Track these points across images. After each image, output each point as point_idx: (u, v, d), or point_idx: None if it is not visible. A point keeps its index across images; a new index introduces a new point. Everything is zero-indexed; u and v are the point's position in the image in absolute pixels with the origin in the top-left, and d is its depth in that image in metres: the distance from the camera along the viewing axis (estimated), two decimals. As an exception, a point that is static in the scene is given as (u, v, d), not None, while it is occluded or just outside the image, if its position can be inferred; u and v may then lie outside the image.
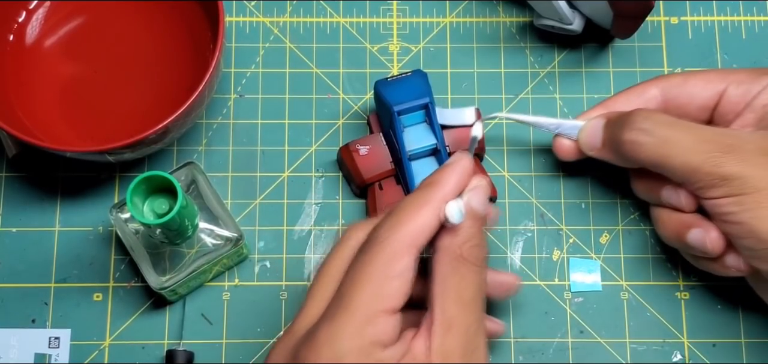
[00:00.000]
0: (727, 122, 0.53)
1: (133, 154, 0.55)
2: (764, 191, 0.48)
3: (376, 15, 0.63)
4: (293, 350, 0.43)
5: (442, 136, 0.55)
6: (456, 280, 0.44)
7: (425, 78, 0.56)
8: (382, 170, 0.57)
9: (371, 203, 0.57)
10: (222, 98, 0.61)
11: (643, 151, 0.51)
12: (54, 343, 0.56)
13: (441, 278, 0.44)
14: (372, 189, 0.57)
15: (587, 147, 0.55)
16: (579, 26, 0.59)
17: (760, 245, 0.48)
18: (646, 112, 0.51)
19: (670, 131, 0.50)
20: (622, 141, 0.51)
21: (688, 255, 0.54)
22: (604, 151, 0.54)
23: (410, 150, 0.55)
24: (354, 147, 0.57)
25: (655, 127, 0.50)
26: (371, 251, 0.44)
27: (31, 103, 0.59)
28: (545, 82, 0.62)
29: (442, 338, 0.43)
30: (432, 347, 0.43)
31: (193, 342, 0.56)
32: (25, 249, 0.58)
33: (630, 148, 0.51)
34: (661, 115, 0.51)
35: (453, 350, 0.43)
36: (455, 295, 0.44)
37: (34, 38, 0.60)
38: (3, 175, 0.60)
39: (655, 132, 0.50)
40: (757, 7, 0.63)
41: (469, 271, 0.45)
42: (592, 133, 0.54)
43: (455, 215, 0.44)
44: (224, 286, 0.58)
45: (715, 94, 0.53)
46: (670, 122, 0.51)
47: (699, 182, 0.49)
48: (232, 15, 0.63)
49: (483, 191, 0.46)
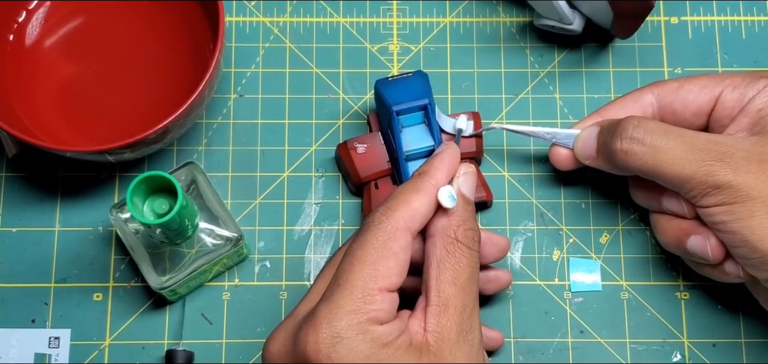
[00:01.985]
0: (722, 127, 0.52)
1: (133, 154, 0.55)
2: (757, 200, 0.48)
3: (376, 15, 0.63)
4: (293, 331, 0.44)
5: (440, 138, 0.55)
6: (452, 262, 0.46)
7: (426, 79, 0.56)
8: (378, 169, 0.57)
9: (367, 201, 0.57)
10: (222, 98, 0.61)
11: (635, 160, 0.50)
12: (54, 343, 0.56)
13: (436, 261, 0.46)
14: (368, 188, 0.57)
15: (583, 156, 0.55)
16: (579, 26, 0.59)
17: (754, 254, 0.48)
18: (637, 120, 0.51)
19: (662, 139, 0.50)
20: (613, 150, 0.51)
21: (689, 261, 0.54)
22: (599, 160, 0.54)
23: (407, 151, 0.55)
24: (352, 145, 0.57)
25: (647, 135, 0.50)
26: (367, 234, 0.45)
27: (31, 103, 0.59)
28: (545, 82, 0.62)
29: (437, 318, 0.45)
30: (428, 326, 0.45)
31: (193, 342, 0.56)
32: (25, 249, 0.58)
33: (622, 157, 0.51)
34: (653, 122, 0.51)
35: (449, 329, 0.45)
36: (451, 277, 0.46)
37: (34, 38, 0.60)
38: (3, 175, 0.60)
39: (647, 140, 0.50)
40: (757, 7, 0.63)
41: (463, 254, 0.46)
42: (586, 142, 0.54)
43: (448, 200, 0.47)
44: (224, 286, 0.58)
45: (711, 99, 0.53)
46: (662, 130, 0.50)
47: (692, 190, 0.49)
48: (232, 15, 0.63)
49: (472, 177, 0.49)
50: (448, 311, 0.45)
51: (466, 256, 0.46)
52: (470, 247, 0.47)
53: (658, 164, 0.49)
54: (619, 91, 0.61)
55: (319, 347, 0.43)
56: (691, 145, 0.49)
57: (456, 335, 0.45)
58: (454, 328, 0.45)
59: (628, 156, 0.50)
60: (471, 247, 0.47)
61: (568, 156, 0.56)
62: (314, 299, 0.46)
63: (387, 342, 0.43)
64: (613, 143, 0.51)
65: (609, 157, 0.52)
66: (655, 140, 0.50)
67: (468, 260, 0.46)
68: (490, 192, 0.58)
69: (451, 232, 0.46)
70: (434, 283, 0.46)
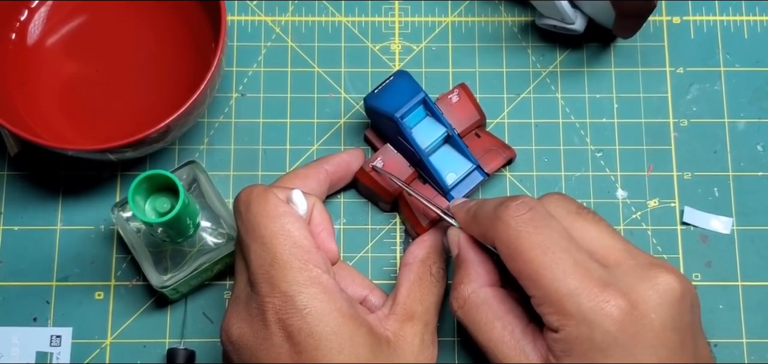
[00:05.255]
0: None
1: (134, 153, 0.55)
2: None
3: (378, 14, 0.63)
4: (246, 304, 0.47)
5: (448, 122, 0.55)
6: (422, 288, 0.52)
7: (409, 76, 0.56)
8: (404, 178, 0.56)
9: (407, 212, 0.56)
10: (224, 97, 0.61)
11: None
12: (55, 341, 0.56)
13: (408, 283, 0.52)
14: (402, 200, 0.57)
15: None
16: (581, 26, 0.59)
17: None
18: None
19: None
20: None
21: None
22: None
23: (426, 147, 0.55)
24: (369, 167, 0.56)
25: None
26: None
27: (33, 101, 0.59)
28: (547, 82, 0.62)
29: (401, 323, 0.49)
30: (390, 325, 0.49)
31: (194, 341, 0.56)
32: (26, 247, 0.58)
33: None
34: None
35: (412, 337, 0.49)
36: (419, 297, 0.51)
37: (36, 37, 0.61)
38: (5, 173, 0.60)
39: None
40: (759, 7, 0.63)
41: (434, 285, 0.52)
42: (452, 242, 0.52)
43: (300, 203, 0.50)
44: (225, 284, 0.58)
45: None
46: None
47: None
48: (234, 14, 0.63)
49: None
50: (412, 321, 0.50)
51: (436, 287, 0.52)
52: (439, 282, 0.53)
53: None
54: (620, 90, 0.61)
55: (276, 303, 0.46)
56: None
57: (419, 344, 0.49)
58: (417, 338, 0.49)
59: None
60: (440, 282, 0.53)
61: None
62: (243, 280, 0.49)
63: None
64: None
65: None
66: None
67: (436, 290, 0.52)
68: (513, 149, 0.58)
69: (427, 266, 0.53)
70: (402, 299, 0.51)
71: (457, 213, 0.52)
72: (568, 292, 0.44)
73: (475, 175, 0.56)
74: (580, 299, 0.44)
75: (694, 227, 0.59)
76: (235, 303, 0.48)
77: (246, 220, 0.48)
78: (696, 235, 0.59)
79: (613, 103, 0.61)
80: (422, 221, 0.55)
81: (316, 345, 0.45)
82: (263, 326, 0.46)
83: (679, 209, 0.59)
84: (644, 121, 0.61)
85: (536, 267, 0.45)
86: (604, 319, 0.43)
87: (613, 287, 0.44)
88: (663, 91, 0.61)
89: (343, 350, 0.45)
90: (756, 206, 0.59)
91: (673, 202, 0.59)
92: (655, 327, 0.44)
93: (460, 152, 0.56)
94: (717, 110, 0.61)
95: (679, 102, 0.61)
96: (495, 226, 0.47)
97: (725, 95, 0.61)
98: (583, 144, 0.60)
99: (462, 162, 0.56)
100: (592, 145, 0.60)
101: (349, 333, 0.46)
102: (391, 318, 0.50)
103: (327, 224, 0.51)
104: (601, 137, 0.60)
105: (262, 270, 0.46)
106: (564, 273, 0.44)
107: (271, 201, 0.48)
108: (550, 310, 0.44)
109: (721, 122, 0.61)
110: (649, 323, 0.44)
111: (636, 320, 0.43)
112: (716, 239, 0.58)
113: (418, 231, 0.56)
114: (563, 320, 0.44)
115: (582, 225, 0.48)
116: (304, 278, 0.46)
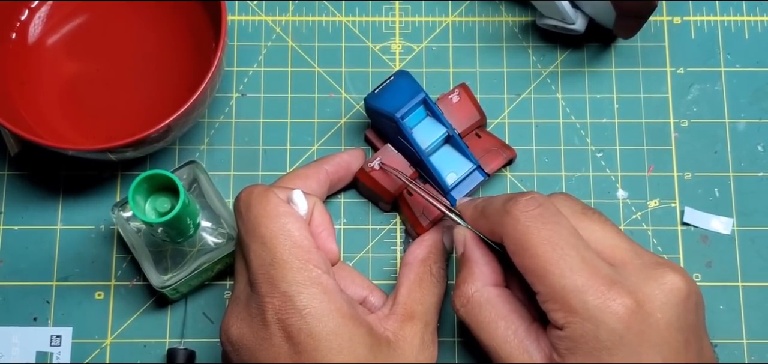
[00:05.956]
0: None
1: (135, 152, 0.55)
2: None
3: (378, 14, 0.63)
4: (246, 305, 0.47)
5: (448, 122, 0.55)
6: (422, 288, 0.51)
7: (410, 76, 0.56)
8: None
9: (407, 212, 0.57)
10: (224, 97, 0.61)
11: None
12: (55, 341, 0.56)
13: (408, 283, 0.52)
14: (402, 200, 0.57)
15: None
16: (582, 26, 0.59)
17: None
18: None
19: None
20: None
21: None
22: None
23: (426, 147, 0.55)
24: (369, 167, 0.57)
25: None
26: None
27: (33, 101, 0.59)
28: (548, 82, 0.62)
29: (401, 323, 0.49)
30: (390, 325, 0.49)
31: (194, 341, 0.56)
32: (26, 247, 0.58)
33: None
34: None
35: (413, 336, 0.49)
36: (419, 297, 0.51)
37: (36, 36, 0.60)
38: (5, 173, 0.60)
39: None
40: (760, 7, 0.63)
41: (434, 285, 0.52)
42: (458, 240, 0.52)
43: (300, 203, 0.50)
44: (225, 284, 0.58)
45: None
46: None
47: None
48: (235, 14, 0.63)
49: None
50: (412, 321, 0.49)
51: (436, 287, 0.52)
52: (440, 281, 0.53)
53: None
54: (621, 91, 0.61)
55: (275, 302, 0.45)
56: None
57: (419, 344, 0.49)
58: (417, 338, 0.49)
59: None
60: (440, 282, 0.53)
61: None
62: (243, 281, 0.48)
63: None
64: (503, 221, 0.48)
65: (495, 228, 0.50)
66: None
67: (437, 290, 0.52)
68: (513, 149, 0.58)
69: (427, 265, 0.52)
70: (402, 299, 0.51)
71: (464, 210, 0.52)
72: (575, 289, 0.44)
73: (476, 175, 0.56)
74: (587, 296, 0.44)
75: (694, 228, 0.59)
76: (234, 303, 0.48)
77: (246, 220, 0.48)
78: (696, 235, 0.59)
79: (614, 103, 0.61)
80: (423, 221, 0.55)
81: (315, 345, 0.45)
82: (263, 326, 0.46)
83: (680, 209, 0.59)
84: (645, 121, 0.61)
85: (543, 263, 0.45)
86: (610, 317, 0.43)
87: (620, 285, 0.44)
88: (663, 91, 0.61)
89: (342, 350, 0.45)
90: (756, 207, 0.59)
91: (673, 202, 0.59)
92: (660, 326, 0.44)
93: (460, 152, 0.56)
94: (717, 111, 0.61)
95: (679, 102, 0.61)
96: (503, 221, 0.47)
97: (726, 96, 0.61)
98: (583, 144, 0.60)
99: (462, 162, 0.56)
100: (593, 145, 0.60)
101: (349, 333, 0.46)
102: (391, 318, 0.50)
103: (327, 224, 0.51)
104: (602, 137, 0.60)
105: (262, 270, 0.46)
106: (571, 270, 0.44)
107: (271, 201, 0.48)
108: (556, 307, 0.44)
109: (721, 123, 0.61)
110: (655, 323, 0.44)
111: (642, 319, 0.43)
112: (717, 240, 0.58)
113: (419, 231, 0.56)
114: (569, 317, 0.44)
115: (588, 225, 0.48)
116: (304, 278, 0.46)
